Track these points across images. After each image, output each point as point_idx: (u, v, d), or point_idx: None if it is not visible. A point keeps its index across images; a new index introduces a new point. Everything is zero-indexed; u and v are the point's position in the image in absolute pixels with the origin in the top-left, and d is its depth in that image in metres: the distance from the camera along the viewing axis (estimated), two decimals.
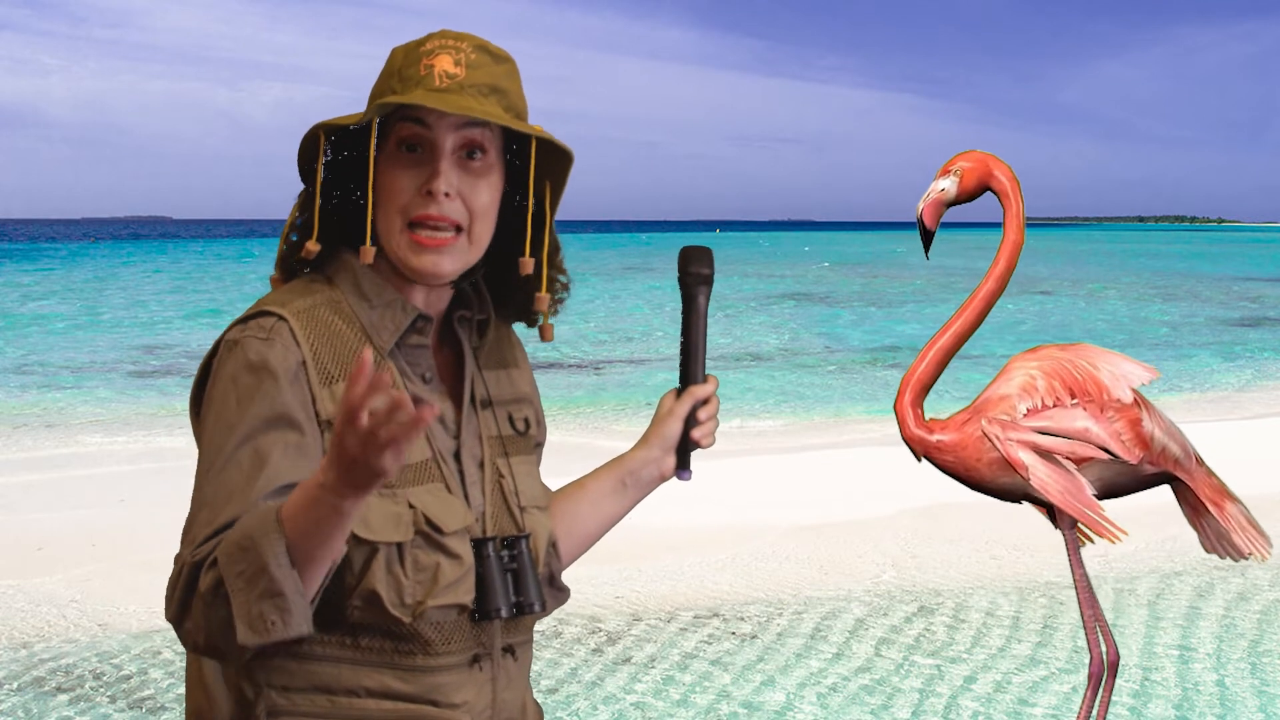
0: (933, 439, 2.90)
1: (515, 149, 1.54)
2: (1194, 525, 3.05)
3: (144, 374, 16.13)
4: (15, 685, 4.85)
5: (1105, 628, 2.89)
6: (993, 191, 2.98)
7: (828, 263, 55.42)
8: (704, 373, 1.66)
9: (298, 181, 1.50)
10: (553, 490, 1.68)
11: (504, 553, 1.46)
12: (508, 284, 1.59)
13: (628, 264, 51.27)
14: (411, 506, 1.40)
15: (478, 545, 1.45)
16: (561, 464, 2.19)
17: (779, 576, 6.33)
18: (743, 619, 5.64)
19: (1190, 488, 2.98)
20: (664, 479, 1.67)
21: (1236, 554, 2.98)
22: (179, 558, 1.32)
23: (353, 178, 1.52)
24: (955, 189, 2.95)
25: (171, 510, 2.19)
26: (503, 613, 1.44)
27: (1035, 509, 2.98)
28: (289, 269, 1.50)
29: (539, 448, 1.63)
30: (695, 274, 1.65)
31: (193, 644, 1.30)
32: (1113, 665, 2.87)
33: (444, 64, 1.43)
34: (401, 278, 1.48)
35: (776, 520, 7.42)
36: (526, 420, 1.59)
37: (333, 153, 1.51)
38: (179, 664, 5.00)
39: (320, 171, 1.46)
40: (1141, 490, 3.00)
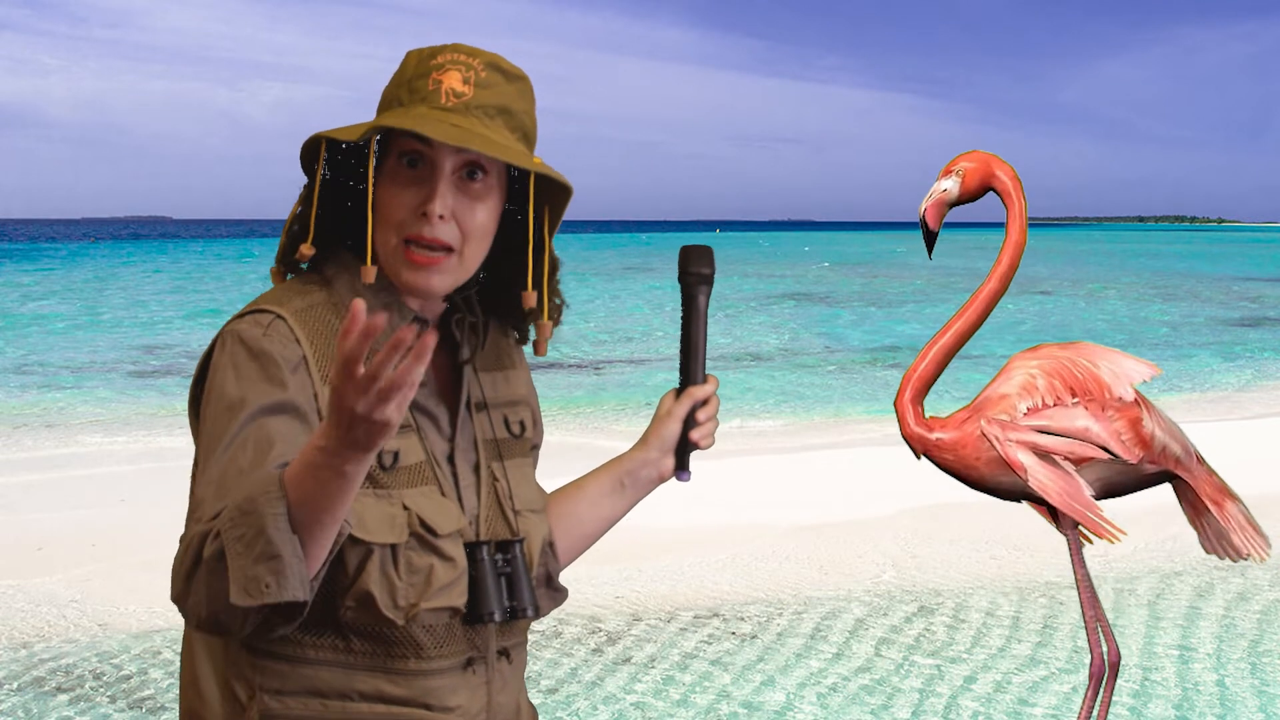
0: (932, 437, 2.90)
1: (518, 169, 1.53)
2: (1194, 525, 3.05)
3: (144, 374, 16.13)
4: (15, 685, 4.85)
5: (1106, 628, 2.89)
6: (995, 191, 2.97)
7: (828, 263, 55.42)
8: (704, 373, 1.65)
9: (297, 182, 1.50)
10: (550, 491, 1.67)
11: (498, 556, 1.45)
12: (500, 300, 1.58)
13: (628, 264, 51.27)
14: (406, 508, 1.40)
15: (471, 549, 1.44)
16: (561, 464, 2.19)
17: (779, 576, 6.32)
18: (743, 619, 5.64)
19: (1191, 486, 2.98)
20: (663, 480, 1.67)
21: (1235, 554, 2.98)
22: (183, 538, 1.28)
23: (353, 183, 1.52)
24: (958, 189, 2.95)
25: (171, 510, 2.19)
26: (496, 617, 1.43)
27: (1035, 509, 2.97)
28: (288, 265, 1.50)
29: (535, 450, 1.62)
30: (695, 274, 1.64)
31: (195, 619, 1.26)
32: (1114, 665, 2.87)
33: (452, 81, 1.42)
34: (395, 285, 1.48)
35: (776, 520, 7.42)
36: (522, 423, 1.58)
37: (335, 155, 1.51)
38: (179, 664, 5.00)
39: (319, 179, 1.46)
40: (1142, 489, 3.00)
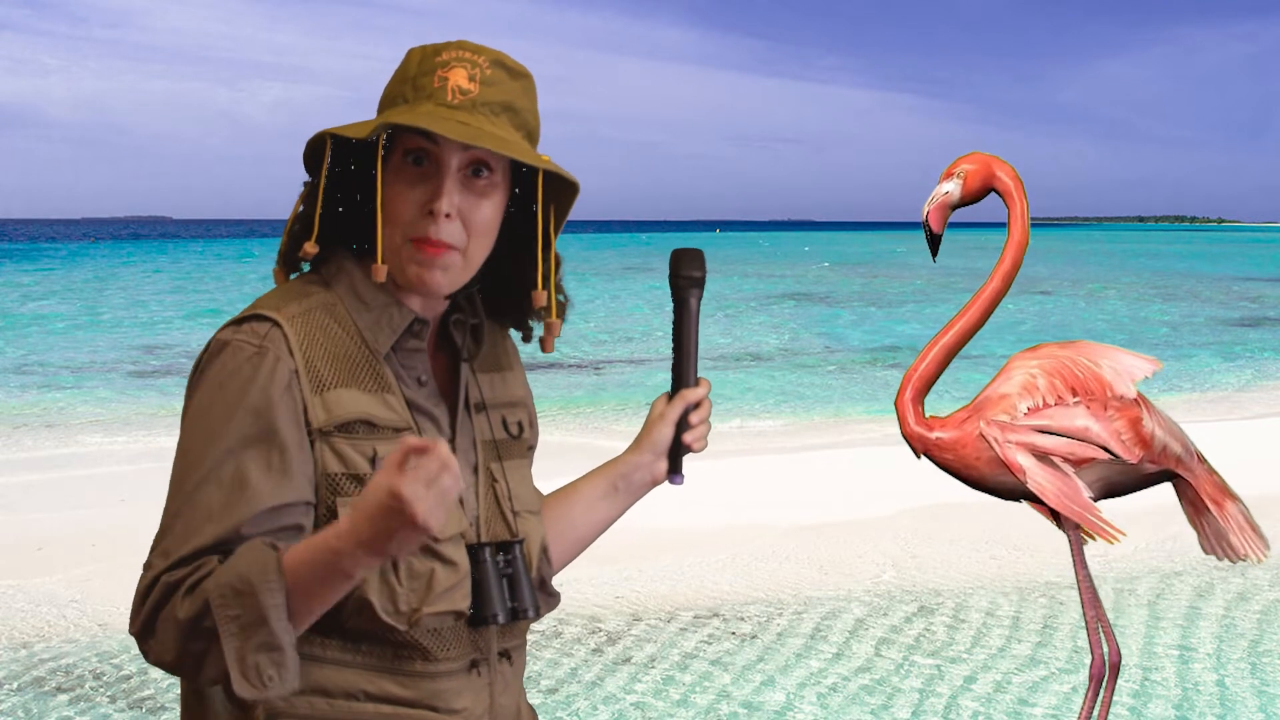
0: (932, 436, 2.90)
1: (524, 166, 1.52)
2: (1194, 525, 3.05)
3: (144, 374, 16.13)
4: (15, 685, 4.85)
5: (1107, 628, 2.89)
6: (996, 192, 2.98)
7: (828, 263, 55.42)
8: (696, 376, 1.64)
9: (298, 182, 1.48)
10: (545, 494, 1.67)
11: (499, 558, 1.45)
12: (504, 297, 1.57)
13: (628, 264, 51.26)
14: None
15: (473, 551, 1.43)
16: (561, 464, 2.19)
17: (779, 576, 6.32)
18: (743, 619, 5.64)
19: (1192, 485, 2.98)
20: (656, 483, 1.67)
21: (1234, 555, 2.98)
22: (149, 567, 1.31)
23: (356, 181, 1.51)
24: (959, 191, 2.95)
25: None
26: (499, 619, 1.42)
27: (1036, 509, 2.98)
28: (290, 264, 1.49)
29: (531, 451, 1.61)
30: (687, 277, 1.64)
31: (156, 661, 1.29)
32: (1114, 665, 2.87)
33: (458, 78, 1.41)
34: (398, 283, 1.47)
35: (776, 520, 7.42)
36: (520, 424, 1.58)
37: (338, 153, 1.49)
38: None
39: (324, 176, 1.45)
40: (1143, 489, 3.00)
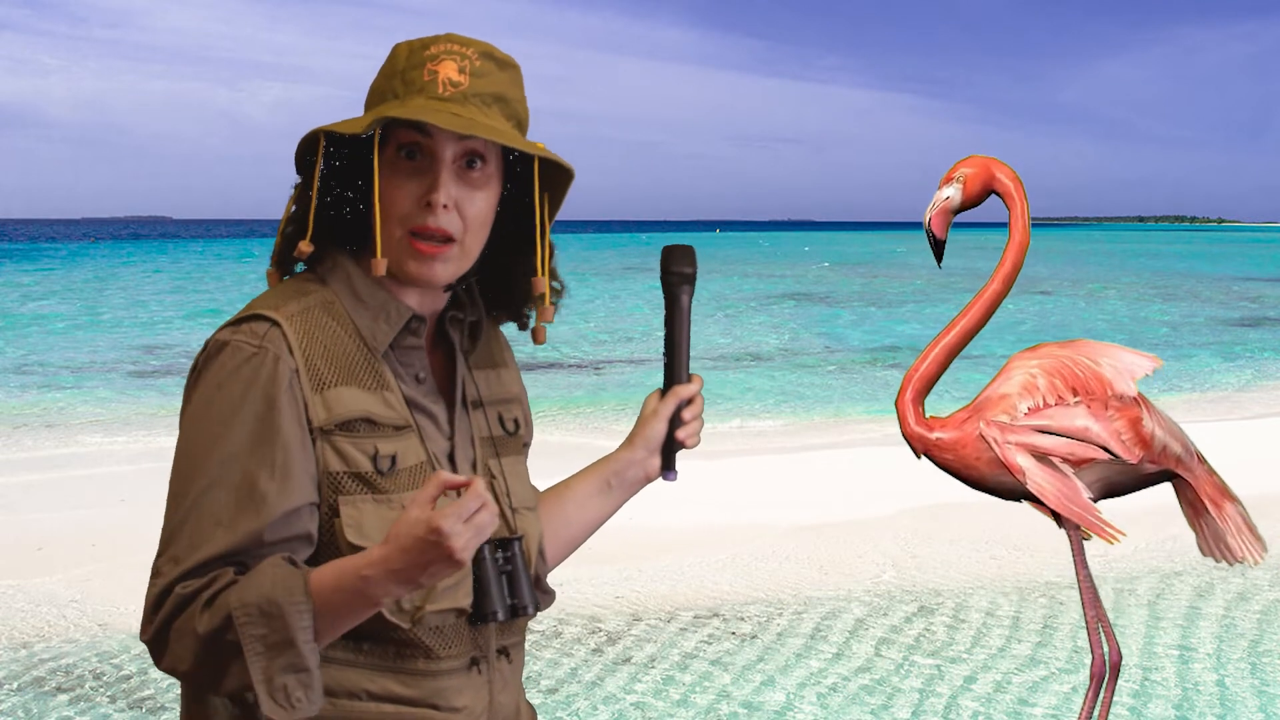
0: (932, 436, 2.90)
1: (515, 155, 1.53)
2: (1193, 526, 3.05)
3: (144, 374, 16.13)
4: (15, 685, 4.85)
5: (1108, 628, 2.89)
6: (997, 194, 2.98)
7: (828, 263, 55.42)
8: (688, 372, 1.64)
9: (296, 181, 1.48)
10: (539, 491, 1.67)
11: (498, 555, 1.44)
12: (501, 287, 1.57)
13: (628, 264, 51.25)
14: None
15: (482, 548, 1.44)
16: (561, 464, 2.18)
17: (779, 576, 6.32)
18: (743, 619, 5.64)
19: (1191, 486, 2.98)
20: (649, 480, 1.66)
21: (1231, 557, 2.97)
22: (158, 573, 1.32)
23: (348, 179, 1.50)
24: (960, 196, 2.95)
25: None
26: (499, 615, 1.42)
27: (1036, 509, 2.97)
28: (284, 265, 1.49)
29: (526, 448, 1.61)
30: (678, 273, 1.63)
31: (169, 669, 1.30)
32: (1115, 666, 2.86)
33: (448, 71, 1.41)
34: (395, 279, 1.46)
35: (776, 520, 7.42)
36: (516, 420, 1.58)
37: (329, 151, 1.49)
38: None
39: (318, 174, 1.44)
40: (1143, 488, 2.99)
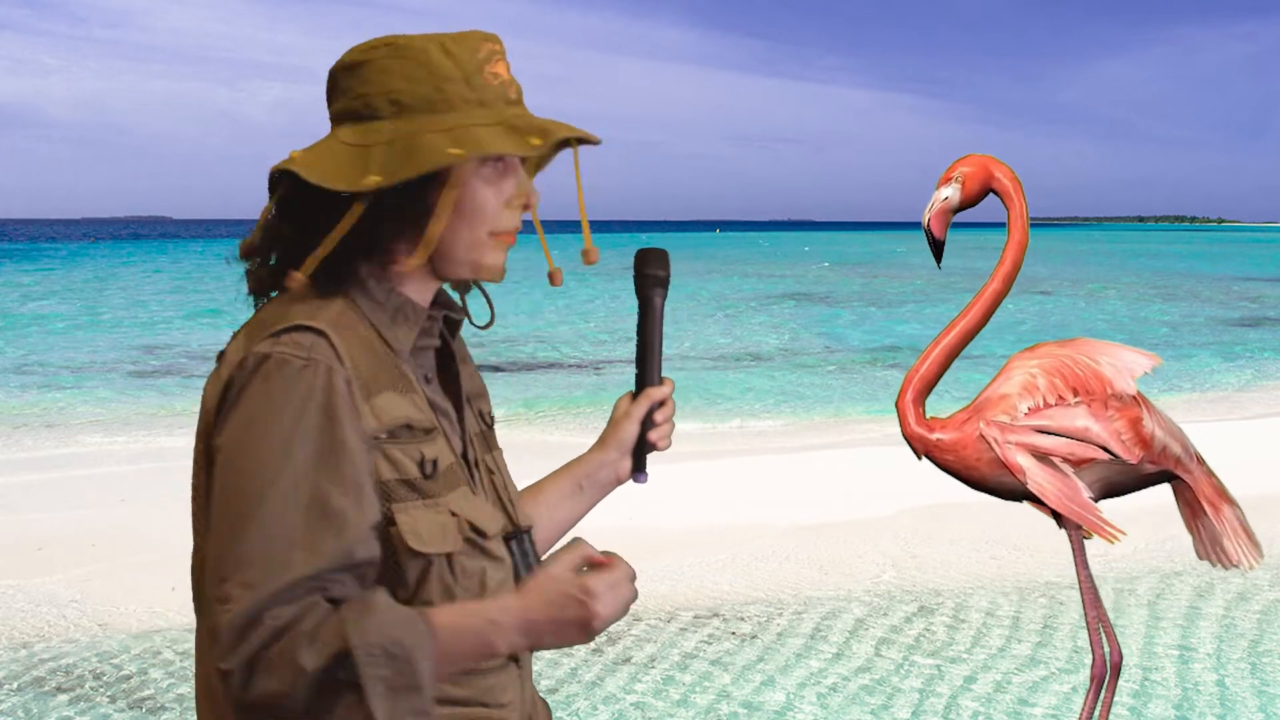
0: (933, 437, 2.90)
1: None
2: (1190, 528, 3.05)
3: (144, 374, 16.13)
4: (15, 685, 4.85)
5: (1109, 628, 2.89)
6: (995, 194, 2.98)
7: (828, 263, 55.41)
8: (660, 375, 1.66)
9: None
10: None
11: (515, 548, 1.46)
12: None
13: (627, 264, 50.50)
14: (454, 514, 1.37)
15: (506, 544, 1.45)
16: (561, 464, 2.18)
17: (779, 576, 6.32)
18: (743, 619, 5.64)
19: (1190, 487, 2.98)
20: (620, 482, 1.67)
21: (1227, 560, 2.97)
22: (231, 599, 1.21)
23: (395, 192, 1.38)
24: (959, 196, 2.95)
25: (171, 510, 2.18)
26: None
27: (1037, 509, 2.98)
28: (334, 275, 1.39)
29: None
30: (651, 275, 1.66)
31: (257, 697, 1.21)
32: (1115, 666, 2.87)
33: (503, 72, 1.41)
34: (394, 277, 1.41)
35: (776, 520, 7.42)
36: (490, 415, 1.58)
37: None
38: (179, 664, 4.99)
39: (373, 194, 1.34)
40: (1143, 489, 3.00)
